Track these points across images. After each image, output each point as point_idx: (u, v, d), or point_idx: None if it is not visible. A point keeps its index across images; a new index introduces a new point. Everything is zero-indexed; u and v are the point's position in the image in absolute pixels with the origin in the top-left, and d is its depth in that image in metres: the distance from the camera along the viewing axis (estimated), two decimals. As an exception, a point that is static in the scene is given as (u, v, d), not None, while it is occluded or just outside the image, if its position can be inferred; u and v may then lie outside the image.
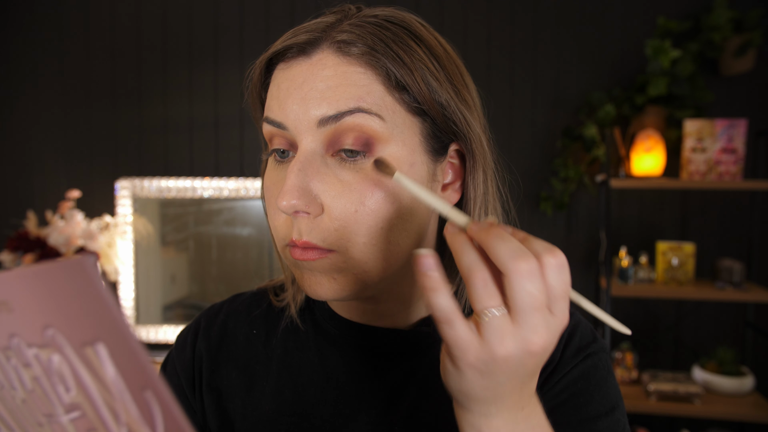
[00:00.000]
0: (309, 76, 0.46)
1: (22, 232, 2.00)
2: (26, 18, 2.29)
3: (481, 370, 0.37)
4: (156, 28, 2.28)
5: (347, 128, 0.45)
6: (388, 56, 0.46)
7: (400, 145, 0.47)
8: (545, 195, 2.16)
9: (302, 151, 0.46)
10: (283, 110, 0.46)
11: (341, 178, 0.46)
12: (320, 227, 0.46)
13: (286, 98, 0.46)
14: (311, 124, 0.45)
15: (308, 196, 0.45)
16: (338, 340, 0.56)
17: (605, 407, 0.51)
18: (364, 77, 0.45)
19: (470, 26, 2.21)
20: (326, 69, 0.46)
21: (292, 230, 0.47)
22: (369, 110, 0.45)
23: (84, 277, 0.22)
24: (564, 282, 0.36)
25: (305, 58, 0.47)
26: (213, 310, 0.64)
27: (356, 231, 0.46)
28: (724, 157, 1.91)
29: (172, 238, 2.25)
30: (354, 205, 0.45)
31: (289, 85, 0.47)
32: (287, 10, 2.24)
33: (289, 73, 0.47)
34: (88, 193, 2.26)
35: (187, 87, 2.29)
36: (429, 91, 0.47)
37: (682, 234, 2.16)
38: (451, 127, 0.49)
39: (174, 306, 2.27)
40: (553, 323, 0.36)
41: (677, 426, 2.10)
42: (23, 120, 2.32)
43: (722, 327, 2.16)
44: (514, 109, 2.21)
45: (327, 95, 0.45)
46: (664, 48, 1.93)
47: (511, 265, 0.35)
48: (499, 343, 0.35)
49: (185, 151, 2.30)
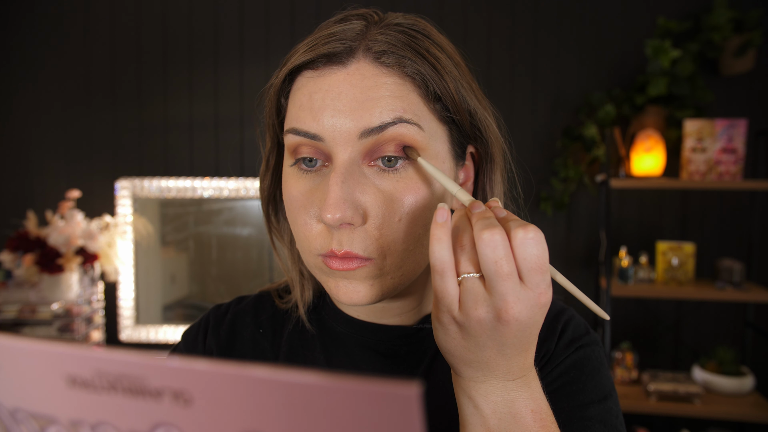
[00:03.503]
0: (347, 87, 0.45)
1: (22, 232, 2.00)
2: (26, 18, 2.29)
3: (461, 329, 0.39)
4: (156, 28, 2.28)
5: (389, 139, 0.45)
6: (424, 66, 0.46)
7: (434, 154, 0.48)
8: (545, 195, 2.16)
9: (342, 163, 0.46)
10: (318, 122, 0.46)
11: (381, 187, 0.46)
12: (361, 237, 0.46)
13: (322, 109, 0.45)
14: (352, 135, 0.45)
15: (353, 208, 0.45)
16: (344, 338, 0.57)
17: (597, 396, 0.52)
18: (402, 87, 0.46)
19: (470, 26, 2.21)
20: (365, 79, 0.45)
21: (329, 240, 0.47)
22: (410, 120, 0.46)
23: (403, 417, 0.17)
24: (536, 255, 0.37)
25: (340, 67, 0.46)
26: (220, 309, 0.64)
27: (397, 239, 0.47)
28: (724, 157, 1.91)
29: (172, 238, 2.25)
30: (397, 214, 0.46)
31: (324, 96, 0.46)
32: (287, 10, 2.24)
33: (322, 82, 0.46)
34: (88, 193, 2.26)
35: (187, 87, 2.29)
36: (460, 99, 0.49)
37: (682, 234, 2.16)
38: (476, 133, 0.51)
39: (174, 306, 2.27)
40: (525, 295, 0.38)
41: (677, 426, 2.10)
42: (23, 120, 2.32)
43: (722, 327, 2.16)
44: (514, 109, 2.21)
45: (368, 106, 0.45)
46: (664, 48, 1.93)
47: (477, 234, 0.38)
48: (473, 306, 0.38)
49: (185, 151, 2.29)
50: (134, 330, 2.21)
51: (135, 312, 2.22)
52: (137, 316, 2.23)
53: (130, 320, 2.21)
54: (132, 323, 2.21)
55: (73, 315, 1.96)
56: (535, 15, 2.18)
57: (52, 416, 0.23)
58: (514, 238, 0.37)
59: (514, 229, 0.38)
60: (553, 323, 0.56)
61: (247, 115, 2.27)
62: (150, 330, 2.21)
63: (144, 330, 2.21)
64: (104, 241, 2.08)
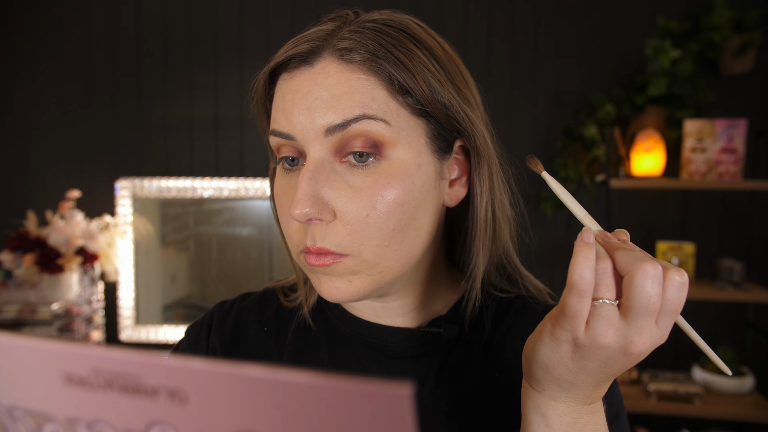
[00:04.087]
0: (313, 86, 0.46)
1: (22, 232, 2.00)
2: (26, 18, 2.29)
3: (576, 350, 0.39)
4: (156, 28, 2.28)
5: (354, 135, 0.46)
6: (390, 61, 0.46)
7: (406, 148, 0.48)
8: (545, 195, 2.16)
9: (311, 160, 0.47)
10: (289, 121, 0.47)
11: (351, 183, 0.47)
12: (333, 233, 0.47)
13: (292, 109, 0.47)
14: (318, 133, 0.46)
15: (320, 204, 0.46)
16: (349, 338, 0.57)
17: (611, 414, 0.51)
18: (367, 83, 0.46)
19: (470, 26, 2.21)
20: (329, 78, 0.46)
21: (305, 237, 0.48)
22: (374, 116, 0.46)
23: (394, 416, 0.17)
24: (680, 300, 0.38)
25: (308, 67, 0.47)
26: (224, 306, 0.64)
27: (369, 234, 0.47)
28: (724, 157, 1.91)
29: (172, 238, 2.26)
30: (365, 210, 0.46)
31: (294, 96, 0.47)
32: (287, 10, 2.24)
33: (292, 83, 0.48)
34: (88, 193, 2.26)
35: (187, 87, 2.29)
36: (431, 92, 0.48)
37: (682, 234, 2.16)
38: (455, 126, 0.50)
39: (174, 306, 2.27)
40: (655, 334, 0.38)
41: (677, 426, 2.10)
42: (23, 120, 2.32)
43: (722, 327, 2.16)
44: (514, 109, 2.21)
45: (332, 104, 0.46)
46: (664, 48, 1.93)
47: (637, 265, 0.37)
48: (603, 332, 0.38)
49: (185, 151, 2.30)
50: (134, 330, 2.21)
51: (135, 312, 2.22)
52: (137, 316, 2.23)
53: (130, 320, 2.21)
54: (132, 323, 2.21)
55: (73, 315, 1.96)
56: (535, 15, 2.18)
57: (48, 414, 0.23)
58: (670, 279, 0.38)
59: (668, 269, 0.38)
60: None
61: (247, 115, 2.27)
62: (150, 330, 2.21)
63: (144, 330, 2.21)
64: (104, 241, 2.08)
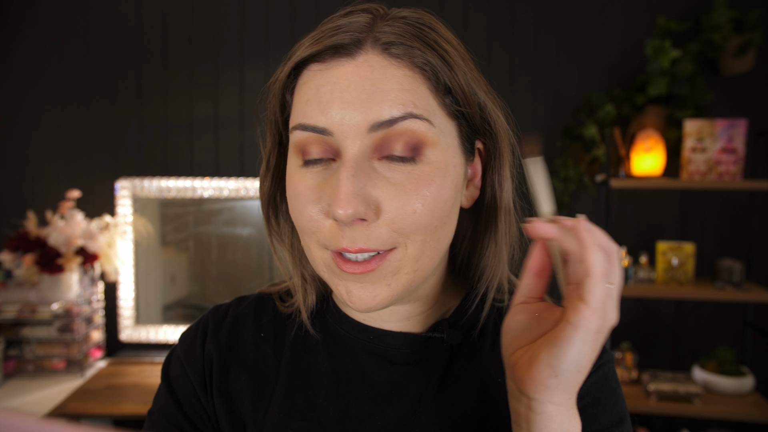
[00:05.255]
0: (355, 79, 0.43)
1: (22, 232, 2.00)
2: (26, 18, 2.29)
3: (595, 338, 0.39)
4: (156, 28, 2.28)
5: (398, 133, 0.44)
6: (434, 57, 0.45)
7: (444, 149, 0.46)
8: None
9: (352, 156, 0.44)
10: (327, 115, 0.44)
11: (394, 181, 0.44)
12: (376, 233, 0.44)
13: (331, 102, 0.44)
14: (361, 129, 0.43)
15: (366, 202, 0.43)
16: (349, 343, 0.55)
17: (615, 418, 0.51)
18: (412, 80, 0.44)
19: (471, 26, 2.21)
20: (374, 71, 0.44)
21: (340, 238, 0.45)
22: (420, 115, 0.44)
23: None
24: None
25: (348, 59, 0.44)
26: (219, 312, 0.61)
27: (415, 230, 0.45)
28: (724, 157, 1.91)
29: (172, 238, 2.25)
30: (413, 206, 0.44)
31: (333, 88, 0.44)
32: (287, 9, 2.24)
33: (330, 75, 0.44)
34: (88, 193, 2.26)
35: (187, 87, 2.29)
36: (471, 92, 0.47)
37: (682, 234, 2.16)
38: (485, 128, 0.50)
39: (174, 306, 2.27)
40: None
41: (677, 426, 2.10)
42: (23, 120, 2.32)
43: (722, 327, 2.16)
44: (514, 109, 2.19)
45: (378, 99, 0.43)
46: (664, 48, 1.93)
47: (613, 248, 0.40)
48: (612, 313, 0.39)
49: (185, 151, 2.30)
50: (134, 330, 2.21)
51: (135, 312, 2.22)
52: (137, 316, 2.23)
53: (130, 320, 2.21)
54: (132, 323, 2.21)
55: (73, 315, 1.96)
56: (535, 15, 2.18)
57: None
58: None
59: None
60: None
61: (247, 115, 2.27)
62: (150, 330, 2.21)
63: (144, 330, 2.21)
64: (104, 241, 2.08)
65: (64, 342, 1.97)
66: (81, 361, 1.99)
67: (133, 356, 2.17)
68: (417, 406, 0.52)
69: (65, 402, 1.76)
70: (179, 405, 0.56)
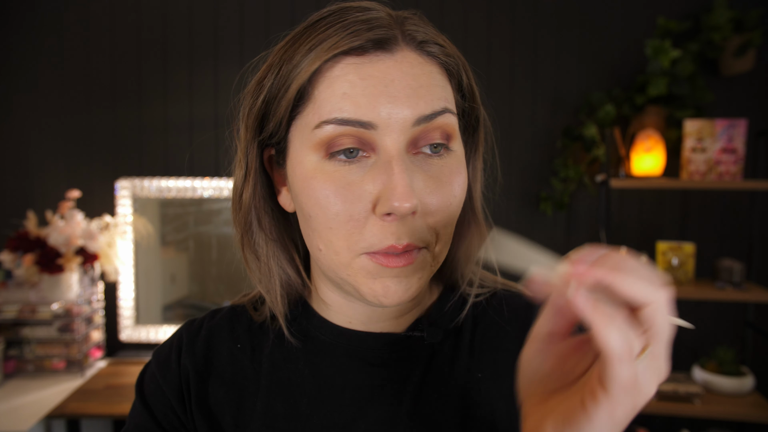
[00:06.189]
0: (398, 74, 0.44)
1: (22, 232, 2.00)
2: (27, 18, 2.29)
3: (615, 426, 0.34)
4: (156, 28, 2.28)
5: (435, 127, 0.45)
6: (458, 59, 0.48)
7: (460, 142, 0.49)
8: (545, 195, 2.16)
9: (398, 151, 0.44)
10: (372, 109, 0.43)
11: (430, 174, 0.46)
12: (416, 226, 0.44)
13: (376, 96, 0.43)
14: (407, 123, 0.44)
15: (417, 196, 0.44)
16: (329, 348, 0.54)
17: None
18: (441, 77, 0.47)
19: (470, 26, 2.21)
20: (414, 67, 0.45)
21: (386, 236, 0.44)
22: (452, 111, 0.47)
23: None
24: None
25: (387, 54, 0.44)
26: (193, 326, 0.60)
27: (447, 223, 0.47)
28: (724, 157, 1.91)
29: (172, 238, 2.26)
30: (449, 198, 0.46)
31: (376, 83, 0.43)
32: (287, 9, 2.24)
33: (370, 68, 0.44)
34: (88, 193, 2.26)
35: (187, 87, 2.29)
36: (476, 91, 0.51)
37: (682, 234, 2.16)
38: (477, 123, 0.53)
39: (174, 306, 2.27)
40: None
41: (677, 426, 2.10)
42: (23, 120, 2.32)
43: (722, 327, 2.16)
44: (514, 109, 2.21)
45: (421, 94, 0.44)
46: (664, 48, 1.93)
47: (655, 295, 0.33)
48: (647, 388, 0.33)
49: (185, 151, 2.30)
50: (134, 330, 2.21)
51: (135, 312, 2.22)
52: (137, 316, 2.23)
53: (130, 320, 2.21)
54: (132, 323, 2.21)
55: (73, 315, 1.96)
56: (535, 15, 2.18)
57: None
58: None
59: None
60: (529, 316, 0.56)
61: (247, 115, 2.27)
62: (150, 330, 2.21)
63: (144, 330, 2.21)
64: (104, 241, 2.08)
65: (64, 342, 1.98)
66: (81, 361, 1.99)
67: (133, 356, 2.17)
68: (399, 408, 0.51)
69: (65, 402, 1.76)
70: (157, 421, 0.55)
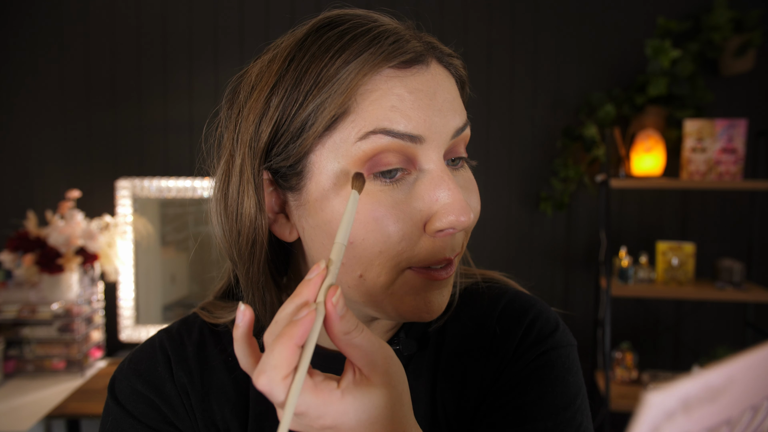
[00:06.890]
0: (437, 87, 0.44)
1: (22, 232, 2.00)
2: (26, 18, 2.29)
3: None
4: (156, 28, 2.28)
5: (462, 138, 0.46)
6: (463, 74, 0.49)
7: None
8: (545, 195, 2.16)
9: (443, 164, 0.44)
10: (423, 122, 0.42)
11: (462, 185, 0.46)
12: (459, 237, 0.46)
13: (425, 109, 0.42)
14: (449, 135, 0.44)
15: None
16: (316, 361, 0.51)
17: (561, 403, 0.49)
18: (459, 90, 0.48)
19: (470, 26, 2.21)
20: (444, 80, 0.45)
21: (441, 249, 0.43)
22: (469, 123, 0.48)
23: None
24: None
25: (424, 67, 0.44)
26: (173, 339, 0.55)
27: (470, 232, 0.48)
28: (724, 157, 1.91)
29: (172, 238, 2.25)
30: (477, 207, 0.47)
31: (422, 95, 0.43)
32: (287, 10, 2.24)
33: (413, 81, 0.43)
34: (88, 193, 2.26)
35: (187, 87, 2.29)
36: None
37: (682, 234, 2.16)
38: None
39: (174, 306, 2.27)
40: None
41: (677, 426, 2.10)
42: (23, 120, 2.32)
43: (722, 327, 2.16)
44: (514, 109, 2.21)
45: (455, 107, 0.45)
46: (664, 48, 1.93)
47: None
48: None
49: (185, 151, 2.30)
50: (134, 330, 2.21)
51: (135, 312, 2.22)
52: (137, 316, 2.23)
53: (130, 320, 2.21)
54: (132, 323, 2.21)
55: (73, 315, 1.96)
56: (535, 15, 2.18)
57: None
58: None
59: None
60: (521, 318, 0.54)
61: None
62: (150, 330, 2.21)
63: (144, 330, 2.21)
64: (104, 241, 2.08)
65: (64, 342, 1.97)
66: (81, 361, 1.99)
67: (133, 356, 2.17)
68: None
69: (65, 402, 1.76)
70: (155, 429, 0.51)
